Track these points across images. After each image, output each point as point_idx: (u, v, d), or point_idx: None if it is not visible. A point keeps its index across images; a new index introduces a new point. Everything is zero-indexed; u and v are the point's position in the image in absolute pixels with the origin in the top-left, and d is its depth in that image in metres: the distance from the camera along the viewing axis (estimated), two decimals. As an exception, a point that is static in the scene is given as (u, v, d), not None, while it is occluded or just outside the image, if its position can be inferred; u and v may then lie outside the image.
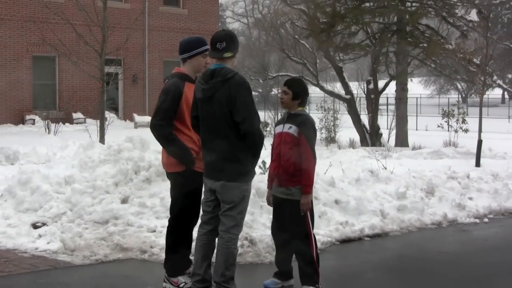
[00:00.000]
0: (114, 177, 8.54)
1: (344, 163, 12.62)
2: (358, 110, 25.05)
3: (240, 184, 5.34)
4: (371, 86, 24.17)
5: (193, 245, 5.73)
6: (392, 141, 23.41)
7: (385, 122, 24.83)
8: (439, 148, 17.59)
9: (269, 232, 6.45)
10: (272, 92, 46.07)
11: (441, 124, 21.70)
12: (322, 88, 27.44)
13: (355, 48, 23.36)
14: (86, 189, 8.34)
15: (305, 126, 5.77)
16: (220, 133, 5.32)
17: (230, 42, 5.40)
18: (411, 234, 8.61)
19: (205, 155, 5.44)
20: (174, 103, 5.65)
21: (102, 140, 13.73)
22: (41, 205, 8.18)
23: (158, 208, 7.85)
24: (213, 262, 5.45)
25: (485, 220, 9.66)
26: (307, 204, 5.73)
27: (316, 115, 20.07)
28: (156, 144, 6.23)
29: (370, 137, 23.62)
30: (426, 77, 62.00)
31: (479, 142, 14.63)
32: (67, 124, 25.65)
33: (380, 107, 26.07)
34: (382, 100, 27.92)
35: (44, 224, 7.83)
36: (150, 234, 7.35)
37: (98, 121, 15.20)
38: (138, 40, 28.74)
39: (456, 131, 21.01)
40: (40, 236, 7.53)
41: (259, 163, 9.06)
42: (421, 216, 9.13)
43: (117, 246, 7.11)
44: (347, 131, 24.25)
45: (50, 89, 28.05)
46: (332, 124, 24.78)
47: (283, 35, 29.88)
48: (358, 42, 24.25)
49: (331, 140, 24.09)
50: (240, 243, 6.61)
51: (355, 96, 25.75)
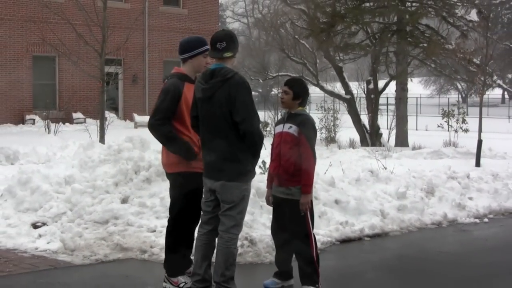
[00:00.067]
0: (114, 177, 8.54)
1: (344, 163, 12.62)
2: (358, 110, 25.04)
3: (240, 184, 5.33)
4: (371, 86, 24.17)
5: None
6: (392, 141, 23.40)
7: (385, 122, 24.82)
8: (439, 148, 17.59)
9: (269, 232, 6.45)
10: (272, 92, 46.05)
11: (441, 124, 21.69)
12: (322, 88, 27.43)
13: (355, 48, 23.35)
14: (86, 189, 8.34)
15: (305, 126, 5.77)
16: (220, 133, 5.32)
17: (230, 42, 5.40)
18: (411, 234, 8.61)
19: (205, 155, 5.44)
20: (173, 103, 5.64)
21: (102, 140, 13.73)
22: (41, 205, 8.17)
23: (158, 208, 7.85)
24: (213, 262, 5.45)
25: (485, 220, 9.66)
26: (306, 204, 5.72)
27: (316, 115, 20.05)
28: (156, 144, 6.23)
29: (370, 137, 23.62)
30: (426, 77, 61.99)
31: (479, 142, 14.63)
32: (67, 124, 25.66)
33: (380, 107, 26.06)
34: (382, 100, 27.91)
35: (44, 224, 7.83)
36: (150, 234, 7.35)
37: (98, 121, 15.21)
38: (138, 40, 28.75)
39: (456, 131, 21.00)
40: (40, 236, 7.53)
41: (259, 163, 9.06)
42: (421, 216, 9.12)
43: (117, 246, 7.11)
44: (347, 131, 24.23)
45: (50, 89, 28.05)
46: (332, 124, 24.77)
47: (283, 35, 29.87)
48: (358, 42, 24.24)
49: (331, 140, 24.08)
50: (240, 243, 6.61)
51: (355, 96, 25.74)
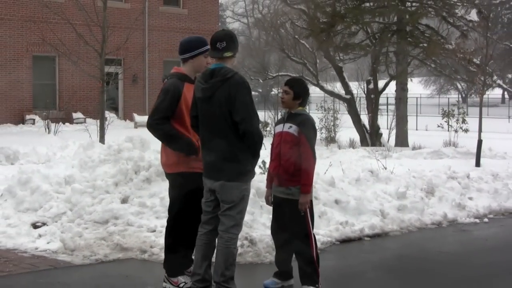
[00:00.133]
0: (114, 177, 8.54)
1: (344, 163, 12.62)
2: (358, 110, 25.04)
3: (240, 184, 5.33)
4: (371, 86, 24.17)
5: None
6: (392, 141, 23.40)
7: (385, 122, 24.82)
8: (439, 148, 17.59)
9: (269, 232, 6.45)
10: (272, 92, 46.06)
11: (441, 124, 21.70)
12: (322, 88, 27.44)
13: (355, 48, 23.36)
14: (86, 189, 8.34)
15: (305, 125, 5.77)
16: (220, 132, 5.31)
17: (230, 41, 5.40)
18: (411, 234, 8.61)
19: (205, 155, 5.44)
20: (173, 104, 5.62)
21: (102, 140, 13.72)
22: (41, 205, 8.17)
23: (158, 208, 7.84)
24: (213, 262, 5.45)
25: (485, 220, 9.66)
26: (305, 203, 5.72)
27: (316, 115, 20.06)
28: (156, 144, 6.23)
29: (370, 137, 23.62)
30: (426, 77, 61.98)
31: (479, 142, 14.63)
32: (67, 124, 25.67)
33: (380, 107, 26.07)
34: (382, 100, 27.92)
35: (44, 224, 7.83)
36: (150, 234, 7.35)
37: (98, 121, 15.20)
38: (138, 40, 28.75)
39: (456, 131, 21.01)
40: (40, 236, 7.53)
41: (259, 163, 9.06)
42: (421, 216, 9.12)
43: (117, 246, 7.11)
44: (347, 131, 24.24)
45: (50, 89, 28.05)
46: (332, 124, 24.78)
47: (283, 35, 29.87)
48: (358, 42, 24.24)
49: (331, 140, 24.08)
50: (240, 243, 6.61)
51: (355, 96, 25.75)
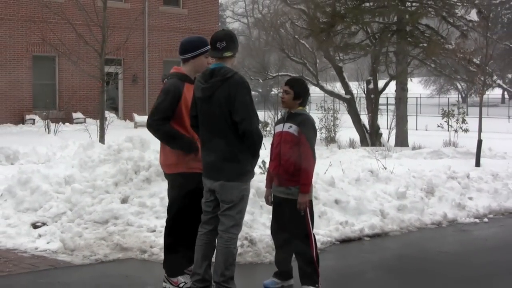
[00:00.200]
0: (114, 177, 8.54)
1: (344, 163, 12.63)
2: (358, 110, 25.05)
3: (239, 183, 5.33)
4: (371, 86, 24.18)
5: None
6: (392, 141, 23.41)
7: (385, 122, 24.83)
8: (439, 148, 17.60)
9: (268, 232, 6.45)
10: (272, 92, 46.06)
11: (441, 124, 21.70)
12: (322, 88, 27.45)
13: (355, 48, 23.37)
14: (86, 189, 8.34)
15: (306, 125, 5.77)
16: (219, 132, 5.31)
17: (230, 41, 5.40)
18: (411, 234, 8.61)
19: (204, 155, 5.43)
20: (173, 104, 5.61)
21: (102, 140, 13.72)
22: (41, 205, 8.17)
23: (158, 208, 7.84)
24: (213, 262, 5.45)
25: (485, 220, 9.66)
26: (304, 203, 5.72)
27: (316, 115, 20.05)
28: (156, 144, 6.22)
29: (370, 137, 23.62)
30: (426, 77, 61.98)
31: (479, 142, 14.64)
32: (67, 124, 25.66)
33: (380, 107, 26.08)
34: (382, 100, 27.93)
35: (44, 224, 7.83)
36: (150, 234, 7.35)
37: (98, 121, 15.20)
38: (138, 40, 28.75)
39: (456, 131, 21.01)
40: (40, 236, 7.52)
41: (259, 163, 9.06)
42: (421, 216, 9.12)
43: (117, 246, 7.11)
44: (347, 131, 24.24)
45: (50, 89, 28.05)
46: (332, 124, 24.78)
47: (283, 35, 29.88)
48: (358, 42, 24.25)
49: (331, 140, 24.09)
50: (240, 243, 6.61)
51: (355, 96, 25.76)
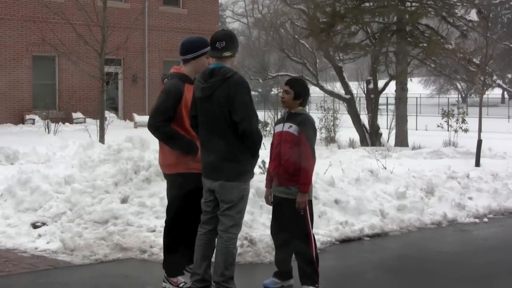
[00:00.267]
0: (113, 177, 8.54)
1: (344, 163, 12.63)
2: (358, 110, 25.05)
3: (239, 183, 5.33)
4: (371, 86, 24.18)
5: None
6: (392, 141, 23.41)
7: (385, 122, 24.83)
8: (439, 148, 17.61)
9: (268, 232, 6.45)
10: (272, 92, 46.07)
11: (441, 124, 21.70)
12: (322, 88, 27.44)
13: (355, 48, 23.37)
14: (86, 188, 8.34)
15: (306, 125, 5.77)
16: (219, 132, 5.31)
17: (229, 41, 5.40)
18: (411, 234, 8.61)
19: (204, 155, 5.43)
20: (174, 104, 5.61)
21: (102, 139, 13.72)
22: (41, 205, 8.17)
23: (158, 208, 7.84)
24: (213, 262, 5.45)
25: (485, 220, 9.66)
26: (303, 202, 5.72)
27: (316, 115, 20.05)
28: (155, 144, 6.22)
29: (370, 137, 23.62)
30: (426, 77, 61.97)
31: (479, 142, 14.64)
32: (67, 123, 25.65)
33: (380, 107, 26.08)
34: (382, 100, 27.92)
35: (43, 223, 7.83)
36: (149, 234, 7.35)
37: (98, 120, 15.20)
38: (138, 40, 28.74)
39: (456, 131, 21.01)
40: (39, 235, 7.52)
41: (259, 163, 9.06)
42: (421, 216, 9.12)
43: (117, 245, 7.11)
44: (347, 131, 24.24)
45: (50, 89, 28.04)
46: (332, 124, 24.79)
47: (283, 35, 29.88)
48: (358, 42, 24.25)
49: (331, 140, 24.09)
50: (239, 242, 6.61)
51: (355, 96, 25.76)
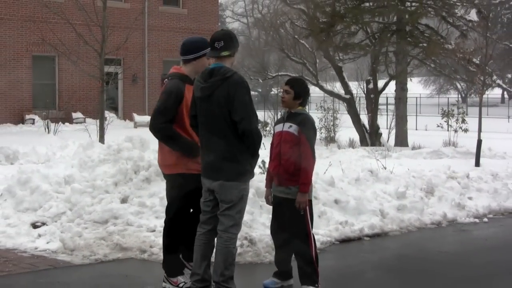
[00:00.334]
0: (113, 177, 8.54)
1: (343, 162, 12.64)
2: (358, 110, 25.06)
3: (239, 183, 5.33)
4: (371, 86, 24.18)
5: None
6: (392, 141, 23.41)
7: (385, 122, 24.84)
8: (439, 148, 17.61)
9: (268, 231, 6.45)
10: (272, 92, 46.07)
11: (440, 124, 21.71)
12: (321, 88, 27.45)
13: (355, 48, 23.37)
14: (86, 188, 8.34)
15: (306, 125, 5.77)
16: (219, 132, 5.31)
17: (228, 41, 5.40)
18: (410, 234, 8.61)
19: (204, 155, 5.43)
20: (175, 105, 5.61)
21: (101, 139, 13.72)
22: (41, 205, 8.17)
23: (158, 208, 7.84)
24: (213, 262, 5.45)
25: (485, 219, 9.66)
26: (303, 202, 5.72)
27: (316, 115, 20.04)
28: (155, 144, 6.22)
29: (369, 137, 23.63)
30: (426, 77, 61.98)
31: (479, 142, 14.64)
32: (66, 123, 25.65)
33: (380, 107, 26.09)
34: (381, 100, 27.94)
35: (43, 223, 7.83)
36: (149, 234, 7.35)
37: (98, 120, 15.20)
38: (137, 40, 28.74)
39: (455, 131, 21.02)
40: (39, 235, 7.52)
41: (259, 163, 9.06)
42: (421, 216, 9.12)
43: (117, 245, 7.11)
44: (346, 131, 24.25)
45: (50, 89, 28.03)
46: (331, 123, 24.80)
47: (283, 35, 29.89)
48: (358, 42, 24.26)
49: (331, 139, 24.10)
50: (239, 242, 6.61)
51: (355, 96, 25.77)
